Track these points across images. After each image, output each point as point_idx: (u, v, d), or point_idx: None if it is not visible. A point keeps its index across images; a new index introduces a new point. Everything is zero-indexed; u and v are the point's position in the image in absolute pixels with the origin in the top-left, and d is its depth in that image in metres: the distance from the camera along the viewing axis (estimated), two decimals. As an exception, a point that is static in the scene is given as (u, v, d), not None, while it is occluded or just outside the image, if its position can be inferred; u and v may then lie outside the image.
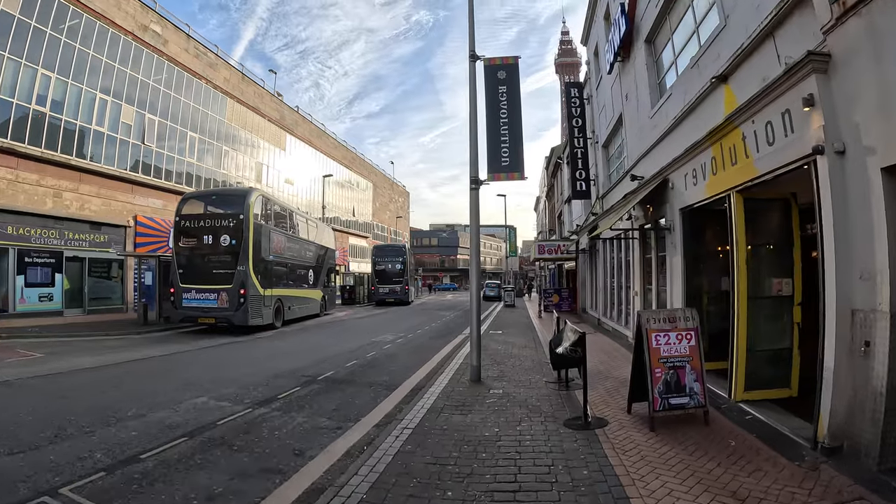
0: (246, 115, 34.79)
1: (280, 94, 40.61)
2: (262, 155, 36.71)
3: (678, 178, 8.96)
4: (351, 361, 11.22)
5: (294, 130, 41.68)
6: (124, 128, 23.43)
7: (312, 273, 23.65)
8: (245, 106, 34.57)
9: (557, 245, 24.45)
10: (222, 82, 32.15)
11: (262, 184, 35.83)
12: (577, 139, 19.03)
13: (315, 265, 24.12)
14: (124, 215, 22.86)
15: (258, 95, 36.71)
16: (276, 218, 19.83)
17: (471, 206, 8.89)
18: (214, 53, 31.68)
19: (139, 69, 24.18)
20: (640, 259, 11.67)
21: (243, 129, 34.41)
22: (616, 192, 14.69)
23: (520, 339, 14.42)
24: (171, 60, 26.54)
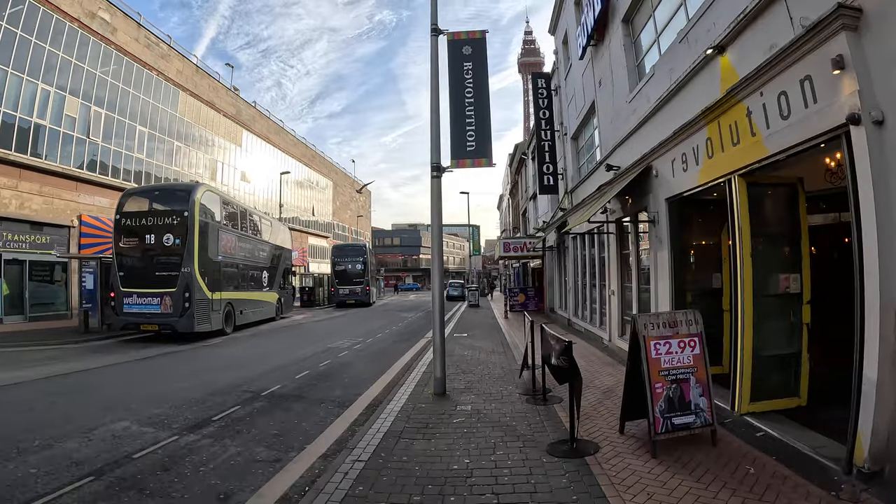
0: (200, 110, 32.86)
1: (237, 89, 38.68)
2: (216, 151, 34.77)
3: (664, 165, 8.10)
4: (302, 372, 10.01)
5: (251, 127, 39.77)
6: (68, 121, 21.57)
7: (267, 274, 22.22)
8: (199, 100, 32.64)
9: (523, 242, 23.60)
10: (175, 74, 30.22)
11: (217, 182, 33.96)
12: (544, 132, 18.17)
13: (270, 266, 22.68)
14: (68, 214, 21.09)
15: (213, 89, 34.77)
16: (226, 216, 18.35)
17: (432, 196, 7.81)
18: (167, 44, 29.73)
19: (85, 59, 22.30)
20: (618, 255, 10.83)
21: (197, 125, 32.49)
22: (587, 186, 13.87)
23: (487, 342, 13.44)
24: (120, 50, 24.65)
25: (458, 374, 9.05)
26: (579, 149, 16.10)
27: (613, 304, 11.01)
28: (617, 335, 10.75)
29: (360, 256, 35.91)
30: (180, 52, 31.20)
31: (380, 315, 26.72)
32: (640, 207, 9.17)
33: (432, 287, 7.91)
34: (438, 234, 7.78)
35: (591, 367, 9.36)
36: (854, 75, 4.25)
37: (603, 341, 11.96)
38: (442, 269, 7.84)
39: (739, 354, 5.85)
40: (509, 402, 7.06)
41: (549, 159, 17.96)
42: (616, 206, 10.49)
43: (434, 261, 7.80)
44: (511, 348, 12.15)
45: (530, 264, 30.54)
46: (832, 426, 5.13)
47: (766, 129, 5.37)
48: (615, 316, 10.91)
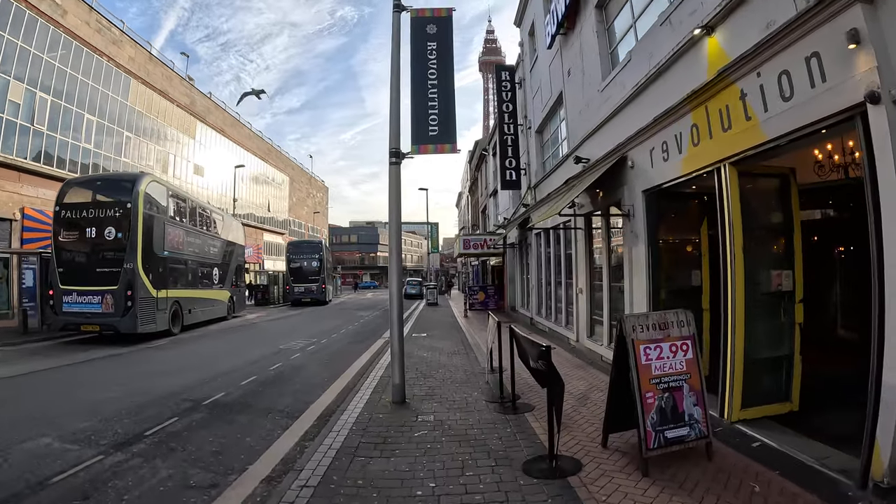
0: (152, 99, 31.10)
1: (191, 79, 36.84)
2: (169, 143, 33.01)
3: (641, 155, 7.61)
4: (250, 377, 9.12)
5: (206, 118, 37.97)
6: (11, 107, 20.02)
7: (218, 271, 20.98)
8: (151, 88, 30.88)
9: (483, 239, 23.05)
10: (127, 61, 28.45)
11: (168, 175, 32.25)
12: (507, 125, 17.68)
13: (221, 263, 21.45)
14: (10, 207, 19.68)
15: (167, 78, 32.97)
16: (174, 209, 17.13)
17: (390, 185, 7.05)
18: (119, 29, 27.97)
19: (32, 41, 20.73)
20: (586, 252, 10.35)
21: (149, 114, 30.73)
22: (553, 180, 13.38)
23: (447, 342, 12.79)
24: (69, 34, 23.01)
25: (418, 378, 8.35)
26: (544, 143, 15.63)
27: (581, 303, 10.52)
28: (585, 335, 10.27)
29: (316, 253, 34.74)
30: (133, 38, 29.45)
31: (336, 314, 25.73)
32: (613, 201, 8.68)
33: (390, 285, 7.16)
34: (397, 227, 7.05)
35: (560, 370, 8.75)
36: (871, 50, 3.80)
37: (569, 342, 11.49)
38: (400, 266, 7.12)
39: (730, 358, 5.37)
40: (475, 410, 6.41)
41: (512, 154, 17.48)
42: (585, 200, 9.99)
43: (392, 256, 7.06)
44: (473, 349, 11.54)
45: (490, 262, 30.10)
46: (831, 433, 4.74)
47: (764, 112, 4.89)
48: (583, 316, 10.42)
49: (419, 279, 48.51)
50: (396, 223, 7.03)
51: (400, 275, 7.07)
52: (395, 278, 7.04)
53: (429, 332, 15.49)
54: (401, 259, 7.08)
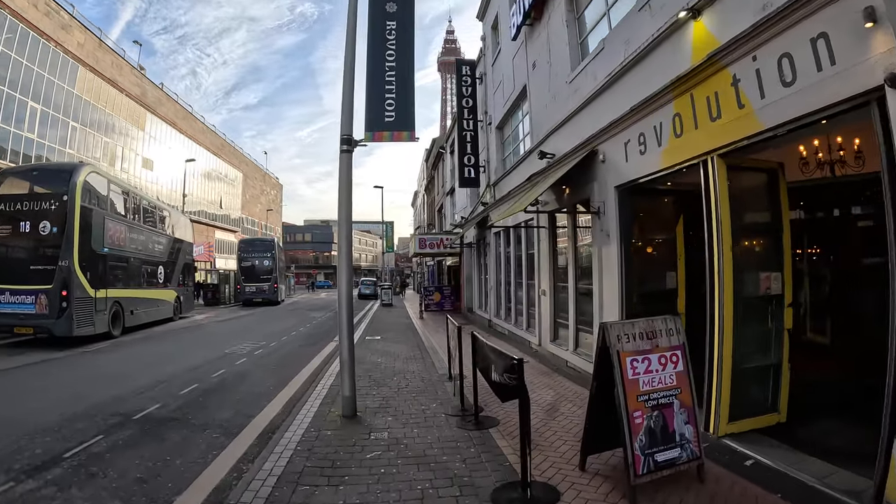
0: (101, 88, 29.16)
1: (143, 68, 34.80)
2: (117, 135, 31.01)
3: (613, 148, 7.14)
4: (189, 386, 8.21)
5: (157, 110, 35.94)
6: None
7: (163, 270, 19.58)
8: (100, 77, 28.94)
9: (440, 239, 22.42)
10: (75, 48, 26.57)
11: (116, 168, 30.39)
12: (466, 121, 17.13)
13: (167, 261, 20.04)
14: None
15: (116, 66, 30.99)
16: (115, 202, 15.84)
17: (340, 175, 6.30)
18: (69, 13, 25.98)
19: None
20: (550, 252, 9.85)
21: (97, 104, 28.74)
22: (513, 177, 12.89)
23: (402, 346, 12.09)
24: (14, 16, 21.32)
25: (371, 387, 7.64)
26: (504, 139, 15.14)
27: (544, 305, 10.02)
28: (548, 339, 9.77)
29: (269, 252, 33.26)
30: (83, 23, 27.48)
31: (288, 314, 24.57)
32: (581, 198, 8.20)
33: (339, 285, 6.42)
34: (347, 220, 6.31)
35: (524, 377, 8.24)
36: (890, 30, 3.37)
37: (531, 345, 10.99)
38: (351, 264, 6.40)
39: (717, 367, 4.91)
40: (435, 425, 5.75)
41: (471, 150, 16.94)
42: (550, 197, 9.50)
43: (342, 253, 6.33)
44: (429, 353, 10.89)
45: (446, 262, 29.52)
46: (826, 447, 4.36)
47: (761, 99, 4.45)
48: (546, 319, 9.93)
49: (374, 279, 47.40)
50: (347, 217, 6.29)
51: (350, 274, 6.36)
52: (344, 277, 6.30)
53: (383, 334, 14.74)
54: (351, 257, 6.37)
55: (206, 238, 41.53)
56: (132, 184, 31.42)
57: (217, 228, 45.22)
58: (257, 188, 60.91)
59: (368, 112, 6.60)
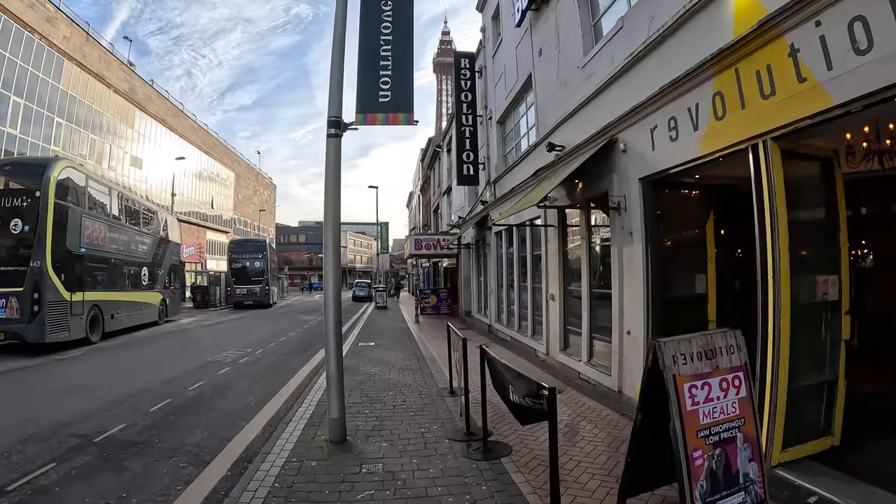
0: (87, 84, 28.24)
1: (132, 64, 33.85)
2: (104, 131, 30.01)
3: (637, 136, 6.37)
4: (163, 401, 7.42)
5: (146, 107, 34.96)
6: None
7: (148, 271, 18.74)
8: (87, 72, 28.02)
9: (437, 239, 21.56)
10: (61, 41, 25.69)
11: (103, 166, 29.45)
12: (465, 116, 16.34)
13: (152, 262, 19.21)
14: None
15: (104, 61, 30.06)
16: (94, 200, 15.00)
17: (327, 162, 5.49)
18: (55, 5, 25.09)
19: None
20: (560, 253, 9.07)
21: (83, 99, 27.77)
22: (516, 174, 12.11)
23: (398, 354, 11.28)
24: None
25: (363, 403, 6.84)
26: (506, 134, 14.37)
27: (553, 311, 9.24)
28: (558, 348, 8.98)
29: (260, 253, 32.39)
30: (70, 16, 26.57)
31: (279, 318, 23.69)
32: (597, 192, 7.43)
33: (325, 286, 5.60)
34: (335, 214, 5.50)
35: (533, 391, 7.48)
36: None
37: (537, 354, 10.20)
38: (339, 262, 5.61)
39: (770, 386, 4.14)
40: (437, 453, 4.95)
41: (470, 147, 16.16)
42: (559, 193, 8.71)
43: (328, 250, 5.51)
44: (427, 362, 10.09)
45: (442, 264, 28.72)
46: (888, 475, 3.67)
47: (828, 70, 3.69)
48: (555, 325, 9.14)
49: (368, 281, 46.54)
50: (334, 209, 5.48)
51: (339, 274, 5.56)
52: (332, 278, 5.49)
53: (377, 340, 13.92)
54: (339, 254, 5.58)
55: (196, 239, 40.60)
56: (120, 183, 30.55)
57: (208, 229, 44.23)
58: (250, 188, 59.96)
59: (361, 91, 5.78)
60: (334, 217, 5.41)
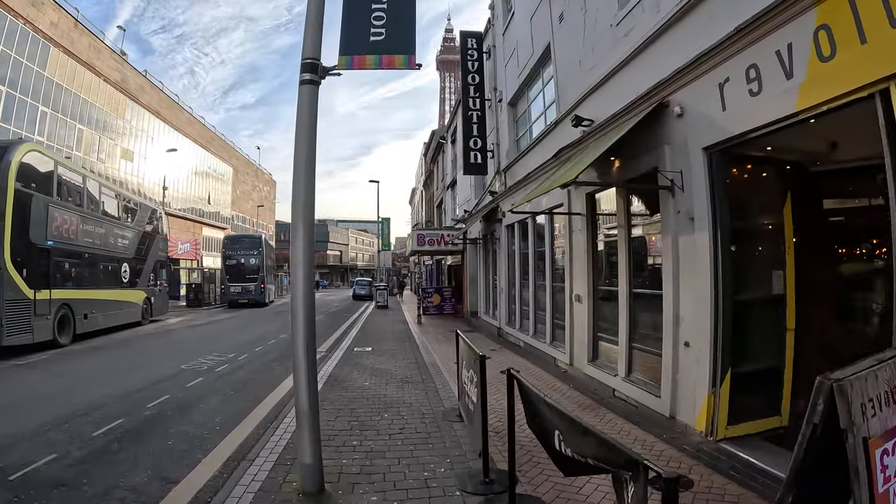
0: (76, 72, 27.00)
1: (125, 53, 32.52)
2: (93, 122, 28.72)
3: (699, 95, 5.03)
4: (113, 421, 6.15)
5: (139, 98, 33.60)
6: None
7: (129, 268, 17.37)
8: (75, 59, 26.77)
9: (440, 235, 20.17)
10: (48, 27, 24.47)
11: (92, 158, 28.16)
12: (472, 100, 15.01)
13: (134, 257, 17.85)
14: None
15: (94, 50, 28.79)
16: (65, 188, 13.71)
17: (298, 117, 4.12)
18: None
19: None
20: (588, 246, 7.71)
21: (71, 88, 26.49)
22: (531, 159, 10.78)
23: (397, 362, 9.95)
24: None
25: (351, 431, 5.52)
26: (518, 117, 13.03)
27: (579, 315, 7.89)
28: (585, 359, 7.63)
29: (255, 249, 30.96)
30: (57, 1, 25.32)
31: (272, 318, 22.33)
32: (640, 170, 6.09)
33: (292, 286, 4.22)
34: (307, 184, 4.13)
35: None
36: None
37: (556, 363, 8.87)
38: (311, 250, 4.21)
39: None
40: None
41: (478, 133, 14.82)
42: (589, 174, 7.37)
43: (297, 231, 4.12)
44: (431, 372, 8.77)
45: (446, 261, 27.37)
46: None
47: None
48: (582, 332, 7.78)
49: (369, 279, 45.11)
50: (307, 179, 4.12)
51: (311, 268, 4.21)
52: (301, 272, 4.11)
53: (375, 344, 12.59)
54: (312, 237, 4.22)
55: (192, 235, 39.31)
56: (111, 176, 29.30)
57: (205, 225, 42.82)
58: (249, 184, 58.64)
59: (346, 28, 4.37)
60: (306, 189, 4.07)
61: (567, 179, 5.64)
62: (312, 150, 4.06)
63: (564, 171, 6.97)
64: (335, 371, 8.91)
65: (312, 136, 4.03)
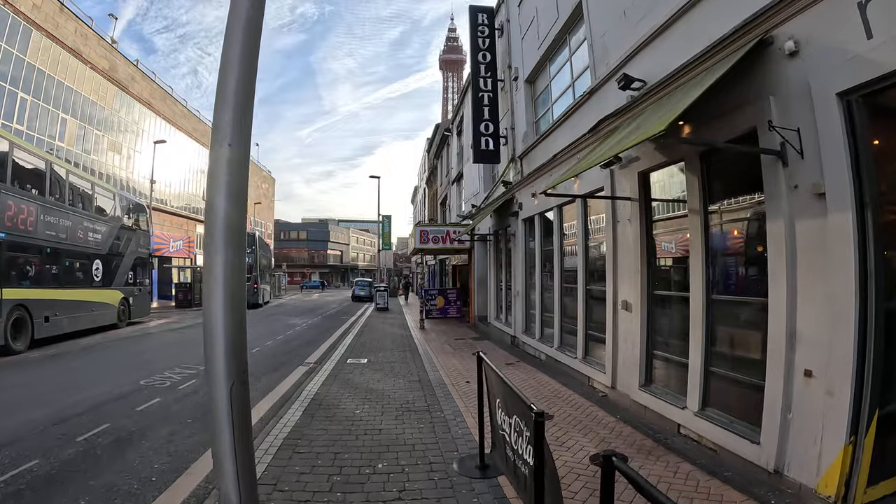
0: (59, 58, 25.40)
1: (115, 42, 30.85)
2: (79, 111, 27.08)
3: (826, 22, 3.51)
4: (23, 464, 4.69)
5: (129, 87, 31.87)
6: None
7: (102, 265, 15.75)
8: (59, 44, 25.15)
9: (446, 231, 18.49)
10: (30, 9, 22.99)
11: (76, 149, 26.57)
12: (483, 80, 13.46)
13: (109, 253, 16.22)
14: None
15: (81, 36, 27.21)
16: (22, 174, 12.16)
17: None
18: None
19: None
20: (641, 238, 6.11)
21: (55, 75, 24.93)
22: (556, 139, 9.24)
23: (397, 380, 8.35)
24: None
25: (332, 493, 3.97)
26: (537, 95, 11.49)
27: (628, 325, 6.30)
28: (635, 382, 6.04)
29: (248, 247, 29.29)
30: None
31: (262, 321, 20.68)
32: (728, 134, 4.52)
33: (206, 269, 2.60)
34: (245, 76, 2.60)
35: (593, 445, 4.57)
36: None
37: (591, 384, 7.32)
38: (244, 202, 2.65)
39: None
40: None
41: (490, 116, 13.28)
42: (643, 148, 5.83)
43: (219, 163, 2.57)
44: (437, 394, 7.20)
45: (451, 261, 25.76)
46: None
47: None
48: (632, 348, 6.20)
49: (369, 279, 43.39)
50: (246, 56, 2.58)
51: (241, 233, 2.61)
52: (220, 243, 2.50)
53: (372, 355, 10.99)
54: (246, 173, 2.61)
55: (185, 232, 37.72)
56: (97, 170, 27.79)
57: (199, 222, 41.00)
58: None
59: None
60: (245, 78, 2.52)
61: (622, 149, 4.07)
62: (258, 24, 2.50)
63: (613, 142, 5.41)
64: (321, 391, 7.34)
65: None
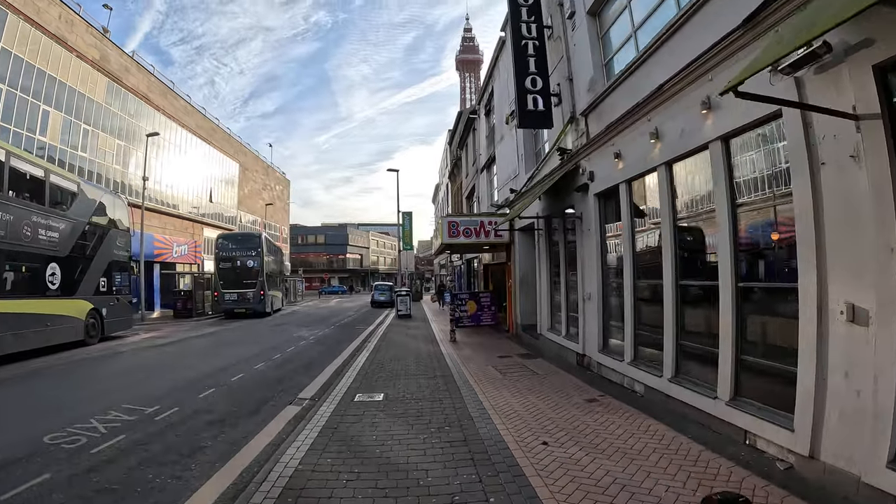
0: (41, 44, 23.10)
1: (107, 31, 28.49)
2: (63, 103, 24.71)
3: None
4: None
5: (122, 79, 29.38)
6: None
7: (60, 269, 13.01)
8: (40, 30, 22.86)
9: (480, 223, 15.42)
10: None
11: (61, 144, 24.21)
12: (525, 24, 10.45)
13: (71, 256, 13.51)
14: None
15: (67, 22, 24.94)
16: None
17: None
18: None
19: None
20: (891, 179, 3.13)
21: (34, 62, 22.62)
22: (643, 80, 6.28)
23: (430, 439, 5.45)
24: None
25: None
26: (604, 31, 8.51)
27: (855, 349, 3.30)
28: (882, 455, 3.05)
29: (254, 249, 26.42)
30: None
31: (264, 334, 17.85)
32: None
33: None
34: None
35: None
36: None
37: (753, 442, 4.31)
38: None
39: None
40: None
41: (537, 68, 10.25)
42: (881, 20, 2.81)
43: None
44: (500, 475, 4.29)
45: (481, 260, 22.74)
46: None
47: None
48: (864, 391, 3.19)
49: (390, 284, 40.40)
50: None
51: None
52: None
53: (390, 386, 8.02)
54: None
55: (191, 236, 35.31)
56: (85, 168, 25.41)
57: (206, 225, 38.39)
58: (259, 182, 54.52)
59: None
60: None
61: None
62: None
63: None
64: (303, 468, 4.43)
65: None
